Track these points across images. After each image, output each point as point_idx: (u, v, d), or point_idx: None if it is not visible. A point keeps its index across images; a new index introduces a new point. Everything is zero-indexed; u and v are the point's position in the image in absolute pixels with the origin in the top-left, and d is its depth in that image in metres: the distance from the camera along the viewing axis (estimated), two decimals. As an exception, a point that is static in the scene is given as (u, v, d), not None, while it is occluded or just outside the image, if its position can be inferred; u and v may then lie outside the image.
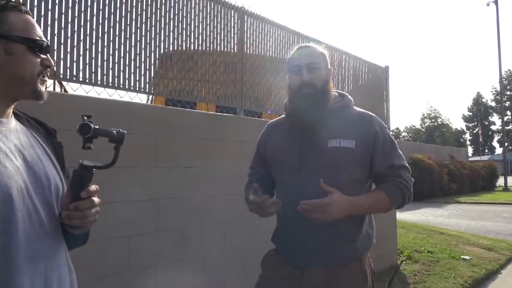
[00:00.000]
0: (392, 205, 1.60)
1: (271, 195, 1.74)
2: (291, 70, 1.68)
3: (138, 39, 3.11)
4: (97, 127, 1.02)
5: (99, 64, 2.88)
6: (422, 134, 55.60)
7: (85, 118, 1.02)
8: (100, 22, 2.88)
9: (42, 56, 1.05)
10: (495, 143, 61.76)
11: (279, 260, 1.71)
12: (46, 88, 1.09)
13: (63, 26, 2.69)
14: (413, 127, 59.69)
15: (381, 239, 5.07)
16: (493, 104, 58.13)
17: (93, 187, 1.02)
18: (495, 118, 59.57)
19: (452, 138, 53.09)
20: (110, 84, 2.93)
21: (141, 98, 3.17)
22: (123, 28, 3.01)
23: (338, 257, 1.59)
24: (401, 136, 58.08)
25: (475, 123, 57.50)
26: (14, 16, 1.02)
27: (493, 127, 60.40)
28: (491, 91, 58.43)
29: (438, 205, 15.11)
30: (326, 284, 1.58)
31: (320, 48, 1.70)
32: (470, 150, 53.29)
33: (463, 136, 61.09)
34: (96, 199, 1.04)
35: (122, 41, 3.01)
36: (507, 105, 52.89)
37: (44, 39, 1.07)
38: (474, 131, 58.24)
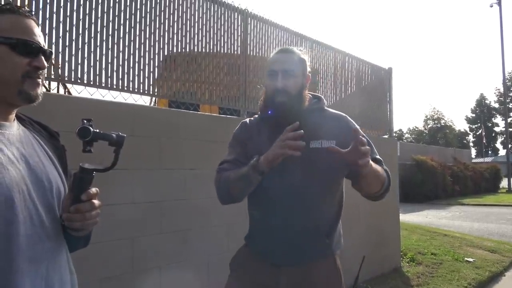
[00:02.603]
0: (385, 181, 1.61)
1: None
2: (268, 74, 1.67)
3: (142, 42, 3.12)
4: (97, 130, 1.02)
5: (104, 66, 2.89)
6: (425, 136, 55.40)
7: (85, 121, 1.02)
8: (105, 24, 2.89)
9: (31, 57, 1.03)
10: (498, 145, 61.47)
11: (251, 258, 1.71)
12: (39, 90, 1.06)
13: (67, 28, 2.71)
14: (416, 129, 59.46)
15: (384, 241, 5.10)
16: (497, 105, 57.86)
17: (93, 190, 1.03)
18: (498, 119, 59.30)
19: (455, 139, 52.85)
20: (115, 87, 2.94)
21: (145, 100, 3.18)
22: (127, 30, 3.02)
23: (314, 254, 1.62)
24: (404, 138, 57.85)
25: (479, 124, 57.24)
26: (1, 17, 1.02)
27: (497, 129, 60.12)
28: (495, 93, 58.09)
29: (441, 207, 15.08)
30: (304, 282, 1.60)
31: (300, 53, 1.69)
32: (473, 151, 53.11)
33: (466, 137, 60.84)
34: (96, 202, 1.04)
35: (126, 44, 3.02)
36: (510, 106, 52.38)
37: (36, 40, 1.04)
38: (477, 133, 57.99)
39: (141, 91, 3.11)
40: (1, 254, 0.89)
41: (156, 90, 3.33)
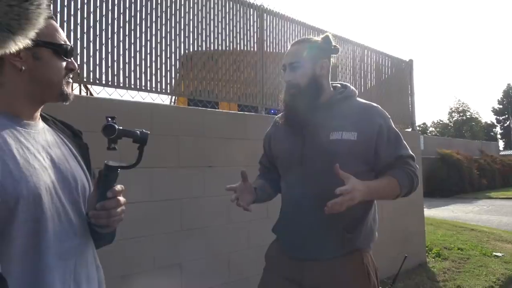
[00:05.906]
0: (401, 190, 1.59)
1: (275, 190, 1.80)
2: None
3: (159, 41, 3.14)
4: (121, 128, 1.04)
5: (121, 66, 2.93)
6: (450, 129, 53.98)
7: (109, 119, 1.04)
8: (121, 25, 2.93)
9: (67, 59, 1.08)
10: (527, 136, 59.48)
11: (281, 251, 1.71)
12: (72, 90, 1.12)
13: (85, 30, 2.75)
14: (441, 122, 58.01)
15: (409, 236, 5.01)
16: (525, 96, 56.01)
17: (118, 187, 1.05)
18: (527, 110, 57.37)
19: (482, 132, 51.32)
20: (133, 86, 2.98)
21: (162, 99, 3.20)
22: (143, 30, 3.05)
23: (333, 248, 1.58)
24: (428, 131, 56.60)
25: (506, 116, 55.53)
26: None
27: (525, 120, 58.19)
28: (522, 83, 56.24)
29: (468, 201, 14.71)
30: (326, 278, 1.57)
31: (311, 41, 1.67)
32: (501, 144, 51.54)
33: (494, 129, 58.95)
34: (121, 199, 1.06)
35: (143, 43, 3.05)
36: (539, 96, 50.90)
37: (68, 43, 1.09)
38: (505, 124, 56.29)
39: (159, 90, 3.14)
40: (30, 251, 0.91)
41: (174, 89, 3.35)
